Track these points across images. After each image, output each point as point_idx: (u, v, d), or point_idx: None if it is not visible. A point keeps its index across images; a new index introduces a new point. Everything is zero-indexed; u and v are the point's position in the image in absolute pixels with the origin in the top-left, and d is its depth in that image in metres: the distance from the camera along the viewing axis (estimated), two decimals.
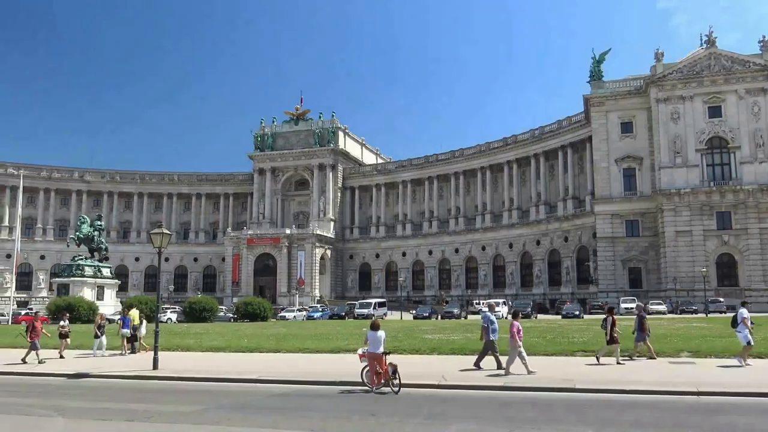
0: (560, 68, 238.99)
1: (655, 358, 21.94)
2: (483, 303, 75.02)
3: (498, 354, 20.33)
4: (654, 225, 74.49)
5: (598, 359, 21.40)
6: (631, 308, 62.44)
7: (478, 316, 66.85)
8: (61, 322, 28.37)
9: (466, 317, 67.27)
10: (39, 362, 24.38)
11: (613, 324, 21.47)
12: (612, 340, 21.42)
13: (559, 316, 62.19)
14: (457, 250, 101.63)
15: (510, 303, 73.49)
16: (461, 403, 15.41)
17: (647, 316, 24.26)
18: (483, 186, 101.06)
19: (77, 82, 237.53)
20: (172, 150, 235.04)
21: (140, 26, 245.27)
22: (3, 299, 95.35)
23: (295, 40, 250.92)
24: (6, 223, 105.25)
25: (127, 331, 28.36)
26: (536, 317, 64.21)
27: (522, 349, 19.06)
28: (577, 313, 61.47)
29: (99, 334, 27.27)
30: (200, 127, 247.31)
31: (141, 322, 29.08)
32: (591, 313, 63.50)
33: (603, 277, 75.74)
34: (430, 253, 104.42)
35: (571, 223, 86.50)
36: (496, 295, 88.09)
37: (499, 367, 19.85)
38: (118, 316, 33.67)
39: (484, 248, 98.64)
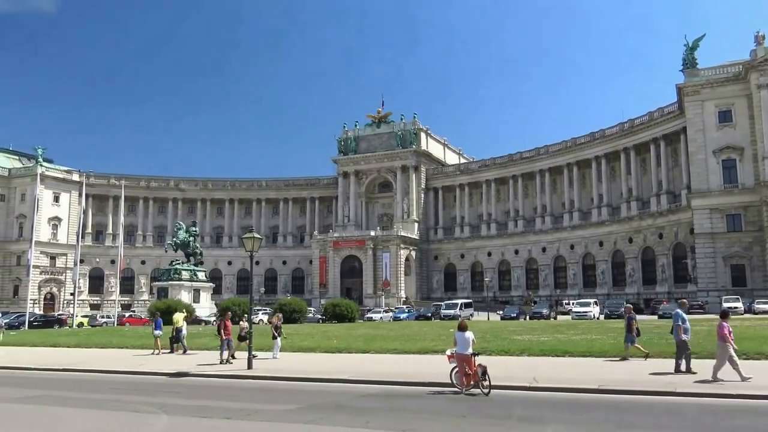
0: (648, 58, 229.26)
1: (646, 359, 21.81)
2: (585, 302, 73.16)
3: (689, 355, 18.92)
4: (758, 219, 69.84)
5: None
6: (736, 308, 58.99)
7: (568, 317, 65.28)
8: (242, 323, 28.45)
9: (555, 318, 65.63)
10: (225, 361, 24.94)
11: None
12: None
13: (656, 317, 59.48)
14: (544, 249, 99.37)
15: (603, 303, 71.11)
16: (554, 405, 15.00)
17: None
18: (570, 183, 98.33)
19: (168, 95, 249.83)
20: (260, 157, 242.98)
21: (226, 36, 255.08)
22: (109, 302, 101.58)
23: (375, 43, 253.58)
24: (110, 230, 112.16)
25: (159, 333, 30.60)
26: None
27: (734, 354, 17.22)
28: None
29: (276, 335, 27.08)
30: (286, 133, 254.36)
31: (183, 324, 31.54)
32: (690, 313, 60.25)
33: (702, 275, 71.78)
34: (517, 252, 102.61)
35: (665, 219, 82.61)
36: (587, 294, 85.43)
37: (688, 370, 18.52)
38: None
39: (572, 247, 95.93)
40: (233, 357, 25.68)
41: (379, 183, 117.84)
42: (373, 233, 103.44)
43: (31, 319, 62.87)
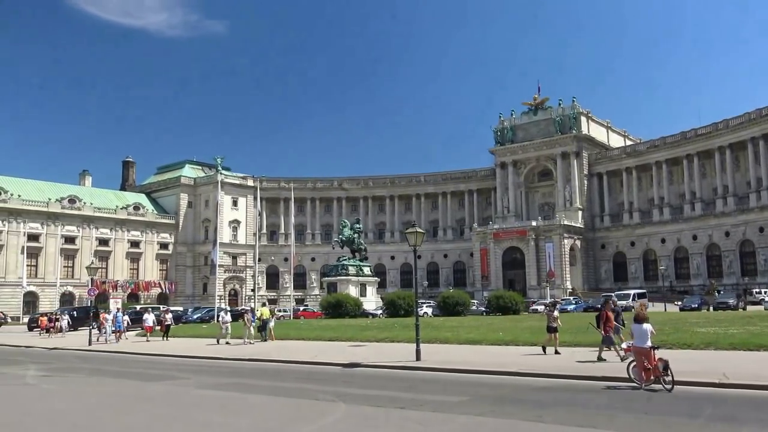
0: None
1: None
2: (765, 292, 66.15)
3: None
4: None
5: None
6: None
7: (760, 307, 59.26)
8: (554, 314, 24.87)
9: (744, 308, 59.64)
10: (622, 359, 19.75)
11: None
12: None
13: None
14: (727, 234, 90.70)
15: None
16: (749, 404, 13.64)
17: None
18: (756, 159, 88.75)
19: (328, 97, 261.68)
20: (417, 151, 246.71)
21: (379, 34, 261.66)
22: (284, 297, 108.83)
23: (527, 29, 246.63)
24: (282, 230, 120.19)
25: (253, 325, 36.10)
26: None
27: None
28: None
29: (619, 327, 22.91)
30: (442, 126, 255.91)
31: (270, 317, 37.14)
32: None
33: None
34: (695, 238, 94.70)
35: None
36: None
37: None
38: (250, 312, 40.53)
39: (762, 230, 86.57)
40: (557, 352, 22.99)
41: (538, 171, 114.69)
42: (534, 223, 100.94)
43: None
